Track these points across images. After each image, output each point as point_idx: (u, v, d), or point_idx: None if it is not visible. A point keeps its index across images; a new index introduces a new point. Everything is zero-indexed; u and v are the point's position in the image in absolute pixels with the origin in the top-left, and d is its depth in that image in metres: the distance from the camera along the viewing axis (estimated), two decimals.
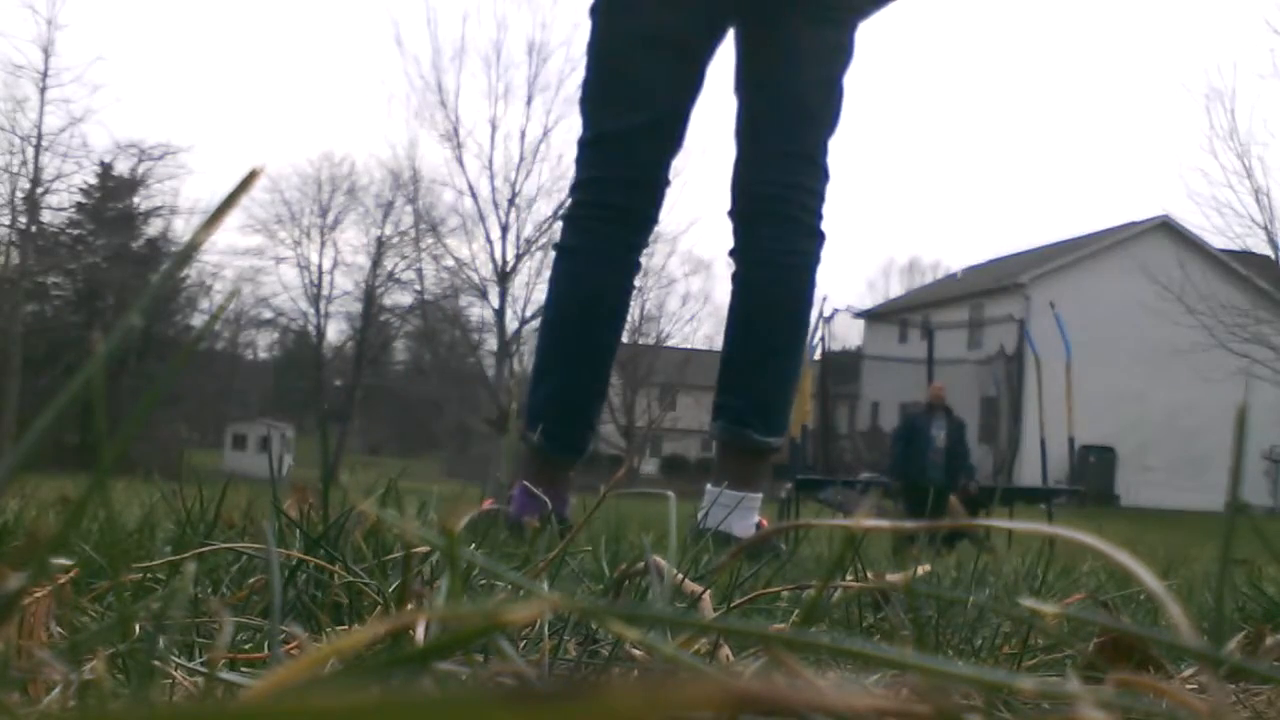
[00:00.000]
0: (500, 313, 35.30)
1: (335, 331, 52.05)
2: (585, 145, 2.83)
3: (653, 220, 2.87)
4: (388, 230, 43.85)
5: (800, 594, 1.11)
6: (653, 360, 48.22)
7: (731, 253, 2.90)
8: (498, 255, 37.04)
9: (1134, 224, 39.49)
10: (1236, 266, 35.06)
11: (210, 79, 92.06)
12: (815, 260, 2.83)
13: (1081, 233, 42.74)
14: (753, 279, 2.82)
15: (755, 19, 2.78)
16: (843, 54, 2.80)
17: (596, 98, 2.83)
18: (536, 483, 2.55)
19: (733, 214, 2.87)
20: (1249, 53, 62.65)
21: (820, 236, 2.83)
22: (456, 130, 35.98)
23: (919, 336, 18.63)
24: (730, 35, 2.84)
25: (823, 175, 2.82)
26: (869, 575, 1.12)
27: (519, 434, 2.89)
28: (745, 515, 2.64)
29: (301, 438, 46.89)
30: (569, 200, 2.88)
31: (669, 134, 2.80)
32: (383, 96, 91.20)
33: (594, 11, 2.83)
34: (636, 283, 2.91)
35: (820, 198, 2.82)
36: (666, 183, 2.86)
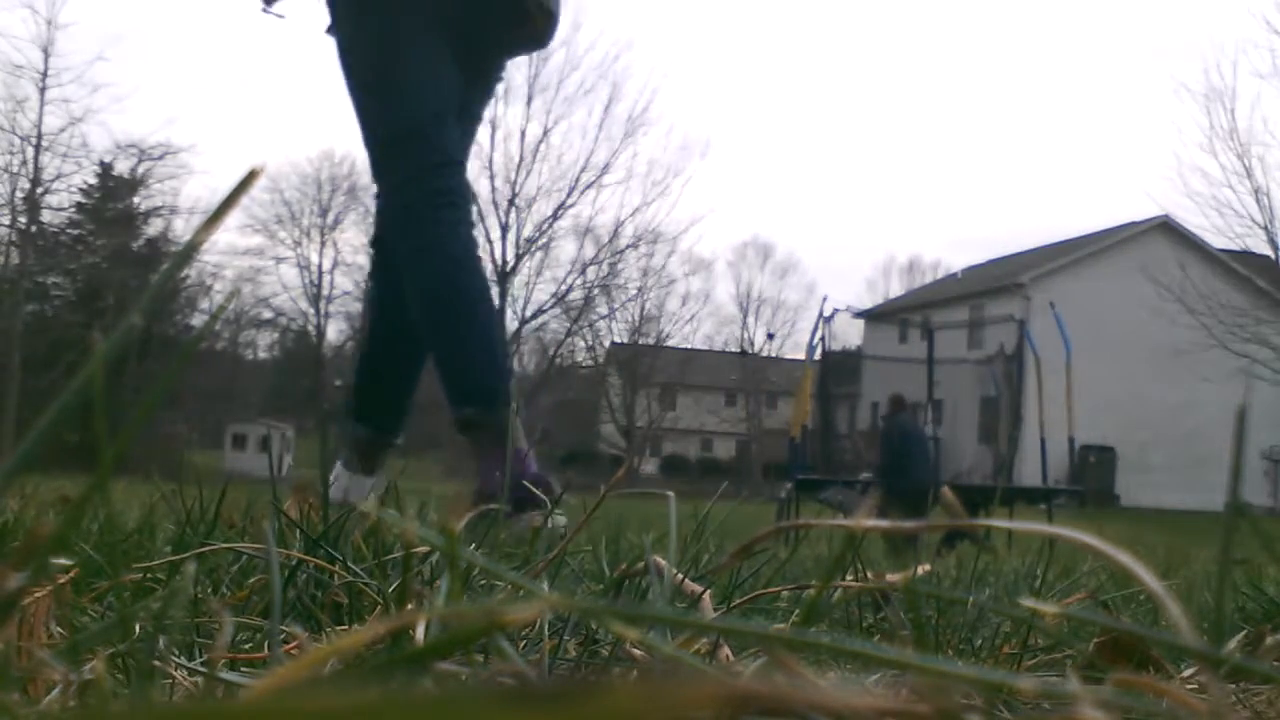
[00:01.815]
0: (500, 312, 35.31)
1: (335, 331, 52.09)
2: (387, 145, 3.10)
3: (469, 197, 3.19)
4: None
5: (800, 594, 1.11)
6: (653, 360, 48.20)
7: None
8: (498, 255, 37.10)
9: (1134, 224, 39.46)
10: (1236, 266, 35.06)
11: (210, 79, 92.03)
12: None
13: (1081, 233, 42.73)
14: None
15: (464, 65, 3.19)
16: (492, 98, 3.56)
17: (374, 106, 3.13)
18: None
19: None
20: (1249, 53, 62.61)
21: None
22: None
23: (919, 336, 18.60)
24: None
25: None
26: (869, 575, 1.12)
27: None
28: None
29: (301, 438, 46.81)
30: (380, 206, 3.18)
31: (450, 115, 3.13)
32: None
33: (343, 51, 3.12)
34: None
35: None
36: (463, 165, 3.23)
